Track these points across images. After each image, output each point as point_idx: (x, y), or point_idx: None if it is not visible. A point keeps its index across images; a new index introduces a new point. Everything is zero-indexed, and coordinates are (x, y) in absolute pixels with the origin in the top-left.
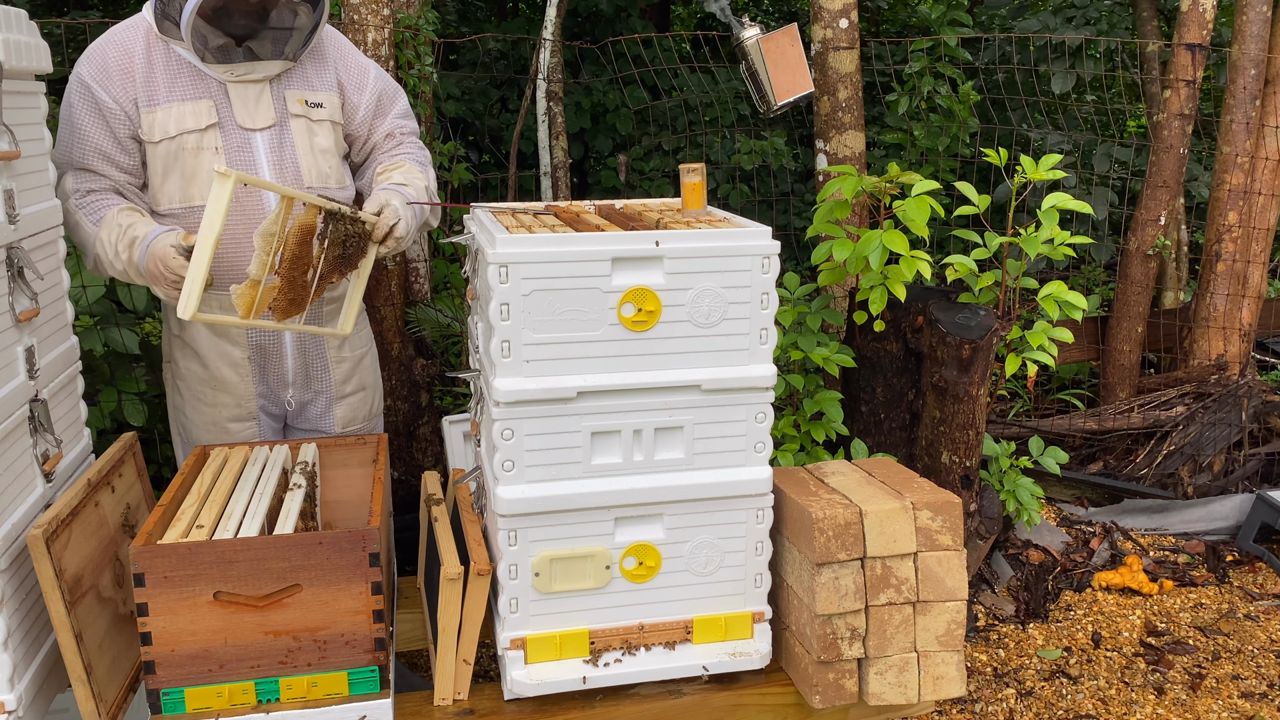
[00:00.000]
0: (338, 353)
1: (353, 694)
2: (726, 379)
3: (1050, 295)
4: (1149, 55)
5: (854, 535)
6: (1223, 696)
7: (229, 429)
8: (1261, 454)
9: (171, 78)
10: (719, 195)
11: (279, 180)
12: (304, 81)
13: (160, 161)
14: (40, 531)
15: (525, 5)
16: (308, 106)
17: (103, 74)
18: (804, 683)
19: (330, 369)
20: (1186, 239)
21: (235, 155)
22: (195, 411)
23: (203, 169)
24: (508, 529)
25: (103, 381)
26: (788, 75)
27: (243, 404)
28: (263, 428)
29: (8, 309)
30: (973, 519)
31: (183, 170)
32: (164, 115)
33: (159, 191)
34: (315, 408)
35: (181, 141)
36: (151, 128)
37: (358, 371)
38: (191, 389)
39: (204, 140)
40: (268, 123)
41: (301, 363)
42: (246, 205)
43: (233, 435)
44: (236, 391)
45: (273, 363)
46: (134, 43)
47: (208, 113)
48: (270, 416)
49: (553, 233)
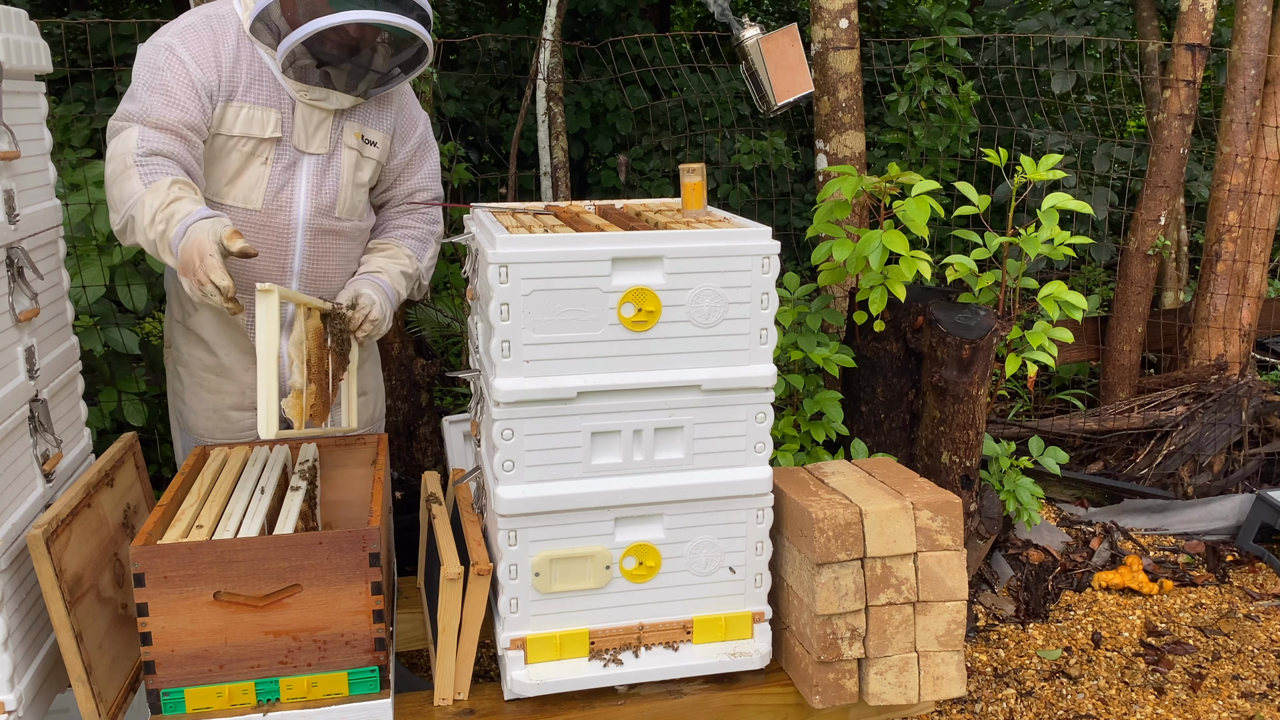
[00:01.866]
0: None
1: (353, 694)
2: (726, 379)
3: (1050, 295)
4: (1149, 55)
5: (854, 535)
6: (1223, 696)
7: (229, 416)
8: (1261, 454)
9: (252, 79)
10: (719, 195)
11: (311, 200)
12: (365, 117)
13: (213, 151)
14: (40, 531)
15: (525, 5)
16: (362, 142)
17: (199, 54)
18: (804, 683)
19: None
20: (1186, 239)
21: (281, 173)
22: (195, 398)
23: (247, 173)
24: (508, 529)
25: (103, 381)
26: (788, 75)
27: (246, 392)
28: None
29: (8, 309)
30: (973, 519)
31: (227, 168)
32: (234, 112)
33: (202, 174)
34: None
35: (240, 142)
36: (221, 120)
37: (359, 377)
38: (194, 375)
39: (260, 149)
40: (320, 150)
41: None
42: (275, 221)
43: (232, 423)
44: (242, 379)
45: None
46: (227, 32)
47: (275, 125)
48: None
49: (553, 233)
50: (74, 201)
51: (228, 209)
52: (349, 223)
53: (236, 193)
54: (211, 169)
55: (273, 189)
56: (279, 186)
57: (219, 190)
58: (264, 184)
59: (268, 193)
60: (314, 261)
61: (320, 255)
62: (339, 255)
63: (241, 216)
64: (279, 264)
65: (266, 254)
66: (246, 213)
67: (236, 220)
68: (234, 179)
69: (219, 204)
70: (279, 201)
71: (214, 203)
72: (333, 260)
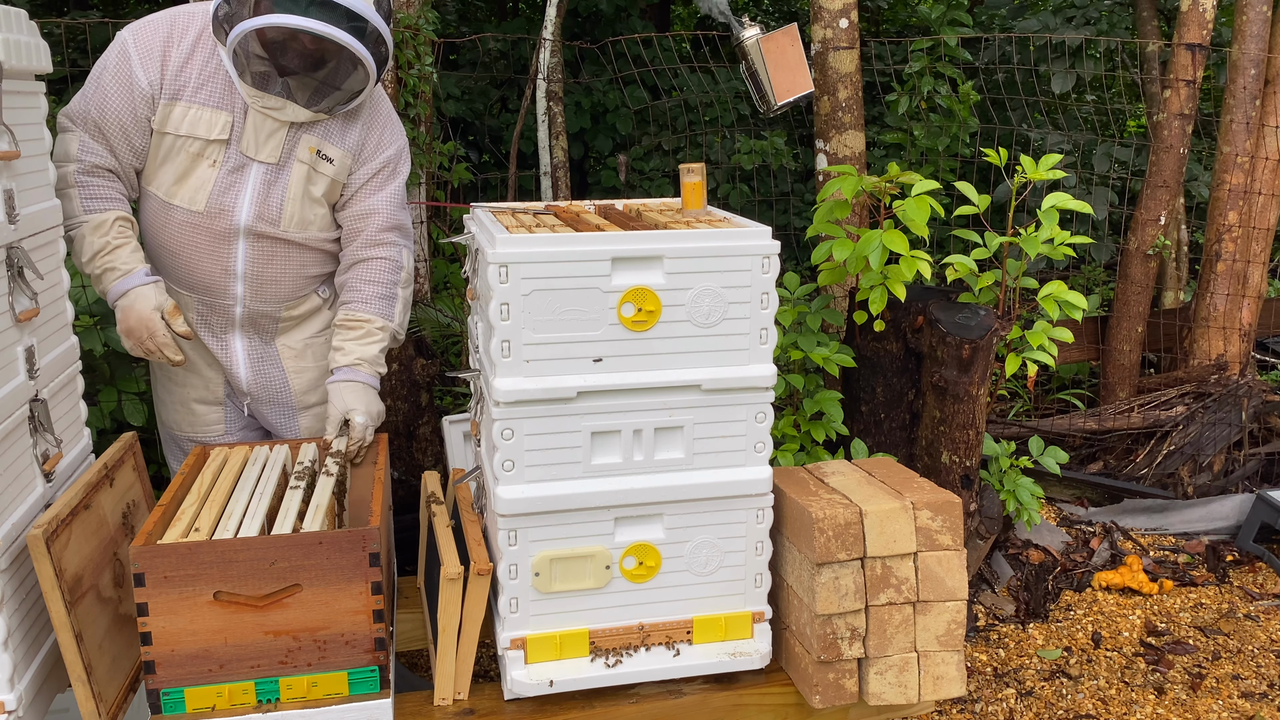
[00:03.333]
0: (296, 362)
1: (353, 694)
2: (726, 379)
3: (1050, 295)
4: (1149, 55)
5: (854, 535)
6: (1223, 696)
7: (195, 410)
8: (1261, 454)
9: (203, 80)
10: (719, 195)
11: (254, 207)
12: (326, 133)
13: (162, 150)
14: (40, 531)
15: (525, 5)
16: (316, 156)
17: (147, 51)
18: (804, 683)
19: (289, 380)
20: (1186, 239)
21: (227, 176)
22: (165, 391)
23: (194, 175)
24: (508, 529)
25: (103, 381)
26: (788, 75)
27: (209, 385)
28: (229, 413)
29: (8, 309)
30: (973, 519)
31: (176, 167)
32: (180, 113)
33: (153, 173)
34: (276, 417)
35: (186, 143)
36: (165, 119)
37: (322, 382)
38: (164, 369)
39: (207, 150)
40: (269, 159)
41: (255, 373)
42: (216, 225)
43: (198, 416)
44: (204, 374)
45: (227, 366)
46: (185, 31)
47: (222, 127)
48: (236, 409)
49: (553, 233)
50: None
51: (174, 209)
52: (299, 234)
53: (183, 193)
54: (162, 168)
55: (217, 192)
56: (223, 190)
57: (168, 189)
58: (209, 186)
59: (211, 195)
60: (259, 266)
61: (265, 260)
62: (289, 262)
63: (184, 217)
64: (221, 265)
65: (209, 255)
66: (189, 213)
67: (180, 219)
68: (181, 179)
69: (167, 202)
70: (221, 205)
71: (162, 201)
72: (280, 265)
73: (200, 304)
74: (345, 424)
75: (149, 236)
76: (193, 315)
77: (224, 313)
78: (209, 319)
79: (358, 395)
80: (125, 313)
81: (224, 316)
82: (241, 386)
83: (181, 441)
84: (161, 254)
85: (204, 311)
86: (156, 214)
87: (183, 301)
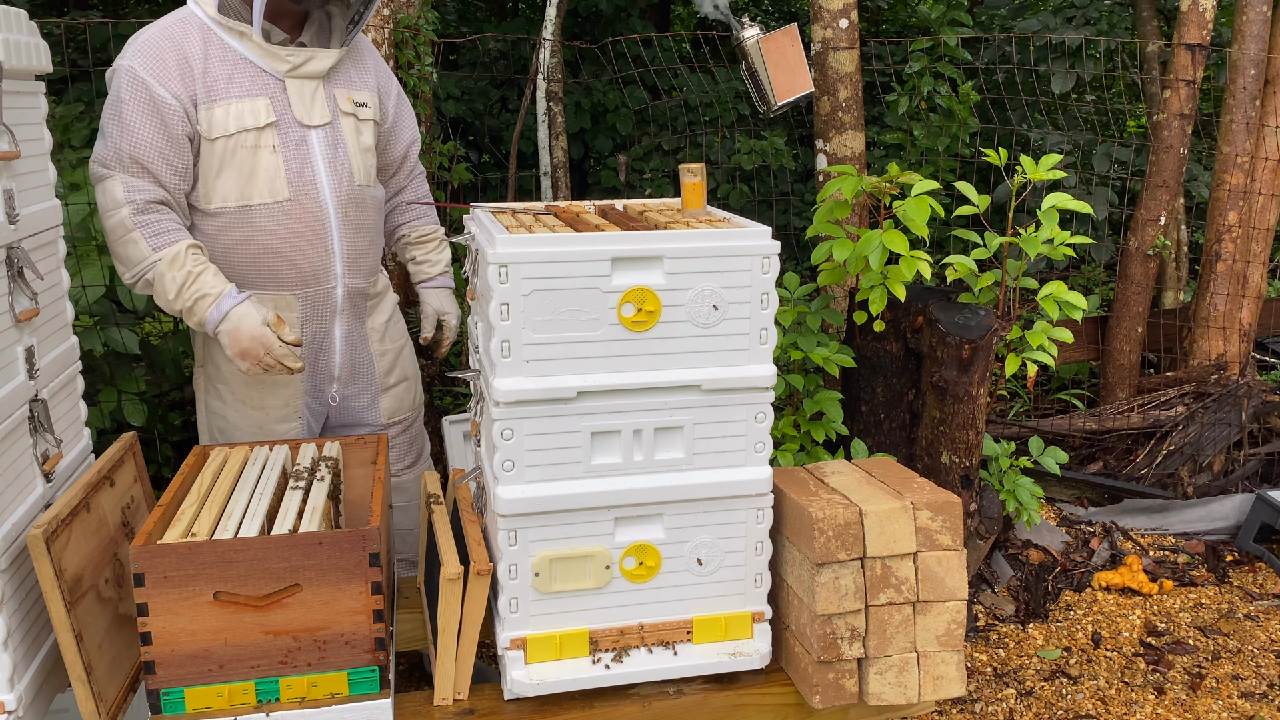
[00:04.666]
0: (380, 345)
1: (353, 694)
2: (726, 379)
3: (1050, 295)
4: (1149, 55)
5: (854, 535)
6: (1223, 696)
7: (275, 430)
8: (1261, 454)
9: (230, 74)
10: (719, 195)
11: (332, 175)
12: (349, 81)
13: (216, 159)
14: (40, 531)
15: (525, 5)
16: (355, 105)
17: (159, 69)
18: (804, 683)
19: (374, 361)
20: (1186, 239)
21: (292, 153)
22: (239, 415)
23: (260, 168)
24: (508, 529)
25: (103, 381)
26: (788, 75)
27: (290, 403)
28: (306, 425)
29: (8, 309)
30: (973, 519)
31: (239, 168)
32: (223, 112)
33: (210, 189)
34: (360, 401)
35: (240, 139)
36: (210, 124)
37: (399, 363)
38: (235, 392)
39: (261, 139)
40: (323, 120)
41: (349, 358)
42: (306, 205)
43: (277, 437)
44: (284, 392)
45: (322, 358)
46: (189, 38)
47: (266, 111)
48: (313, 414)
49: (553, 233)
50: (74, 201)
51: (257, 210)
52: (370, 190)
53: (259, 190)
54: (221, 177)
55: (293, 173)
56: (298, 170)
57: (244, 193)
58: (282, 172)
59: (290, 179)
60: (351, 238)
61: (355, 231)
62: (369, 229)
63: (272, 212)
64: (321, 248)
65: (308, 241)
66: (276, 206)
67: (269, 216)
68: (251, 178)
69: (245, 207)
70: (302, 183)
71: (240, 207)
72: (365, 235)
73: (304, 301)
74: (439, 325)
75: (232, 252)
76: (295, 315)
77: (326, 300)
78: (313, 315)
79: (448, 299)
80: (234, 336)
81: (326, 305)
82: (333, 372)
83: None
84: (255, 263)
85: (307, 310)
86: (238, 226)
87: (286, 303)
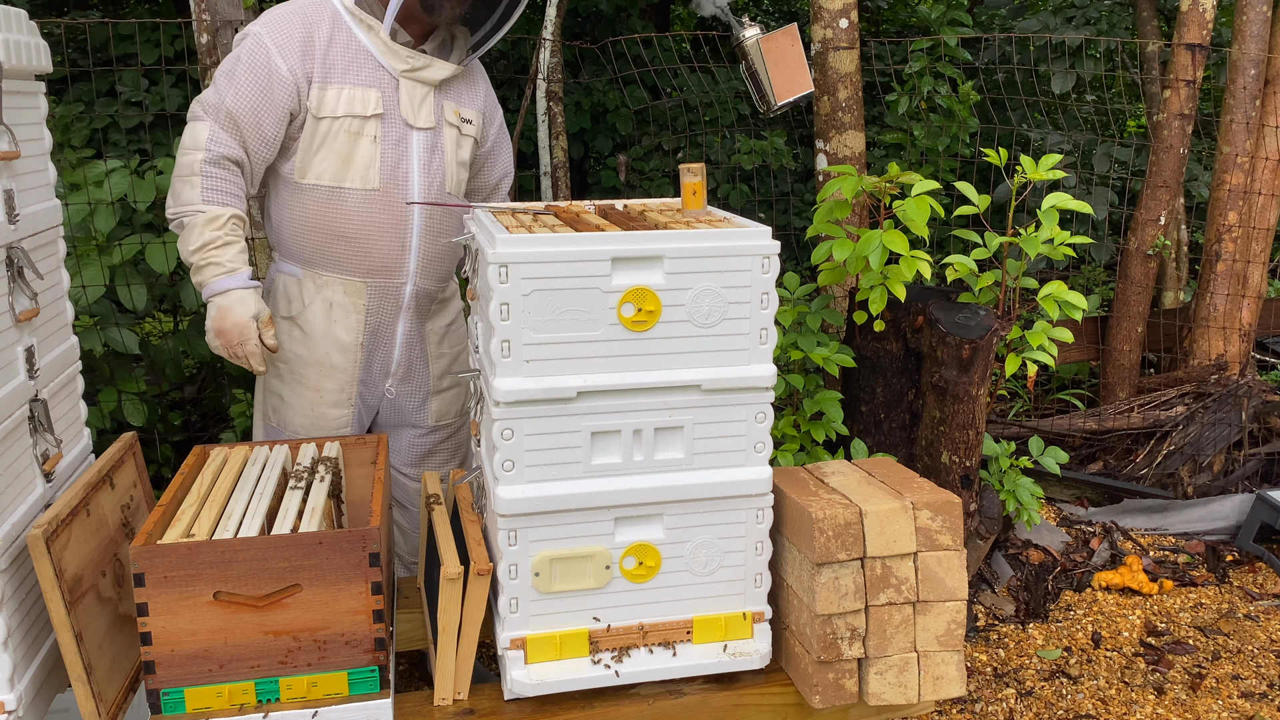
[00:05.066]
0: (438, 348)
1: (353, 694)
2: (726, 379)
3: (1050, 295)
4: (1149, 55)
5: (854, 535)
6: (1223, 696)
7: (326, 414)
8: (1261, 454)
9: (349, 62)
10: (719, 195)
11: (424, 177)
12: (459, 96)
13: (318, 137)
14: (40, 531)
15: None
16: (460, 119)
17: (284, 42)
18: (804, 683)
19: (430, 363)
20: (1186, 239)
21: (391, 148)
22: (294, 395)
23: (358, 154)
24: (508, 529)
25: (103, 381)
26: (788, 75)
27: (344, 389)
28: (357, 416)
29: (8, 309)
30: (973, 519)
31: (338, 151)
32: (334, 94)
33: (307, 164)
34: (412, 400)
35: (345, 123)
36: (320, 103)
37: (454, 368)
38: (295, 372)
39: (365, 127)
40: (427, 124)
41: (406, 355)
42: (393, 199)
43: (330, 421)
44: (341, 377)
45: (381, 350)
46: (320, 20)
47: (375, 102)
48: (365, 406)
49: (553, 233)
50: (74, 201)
51: (346, 193)
52: (459, 201)
53: (353, 174)
54: (319, 154)
55: (388, 166)
56: (393, 164)
57: (335, 174)
58: (377, 162)
59: (384, 171)
60: (429, 240)
61: (435, 233)
62: (448, 235)
63: (359, 198)
64: (399, 242)
65: (388, 233)
66: (365, 193)
67: (356, 202)
68: (347, 161)
69: (337, 189)
70: (395, 178)
71: (332, 188)
72: (444, 240)
73: (372, 291)
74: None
75: (315, 229)
76: (362, 302)
77: (394, 295)
78: (379, 306)
79: None
80: (222, 312)
81: (393, 300)
82: (390, 368)
83: None
84: (334, 243)
85: (374, 300)
86: (325, 203)
87: (355, 289)
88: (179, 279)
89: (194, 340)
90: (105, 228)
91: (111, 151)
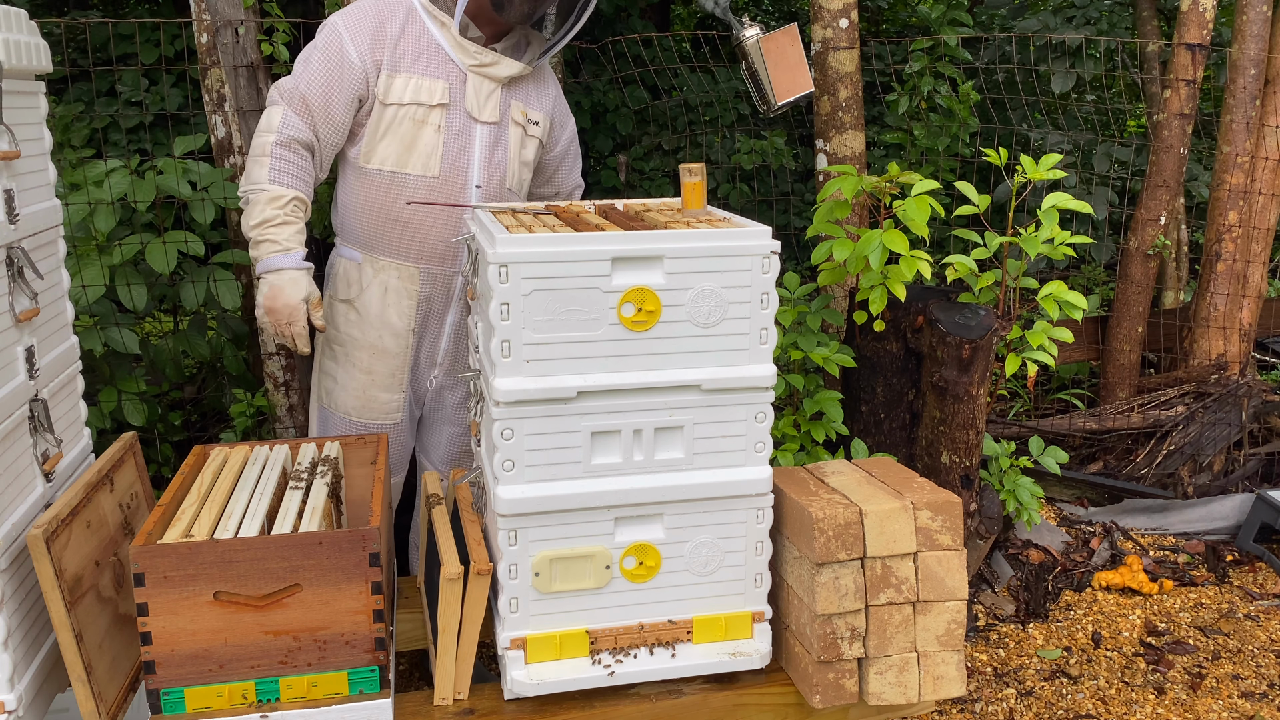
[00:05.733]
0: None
1: (353, 694)
2: (726, 379)
3: (1050, 295)
4: (1149, 55)
5: (854, 535)
6: (1223, 696)
7: (377, 398)
8: (1261, 454)
9: (419, 53)
10: (719, 195)
11: (485, 170)
12: (527, 97)
13: (384, 123)
14: (40, 531)
15: None
16: (526, 120)
17: (358, 31)
18: (804, 682)
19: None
20: (1186, 239)
21: (454, 139)
22: (348, 376)
23: (421, 141)
24: (508, 529)
25: (103, 381)
26: (788, 75)
27: (395, 374)
28: (408, 404)
29: (8, 309)
30: (973, 519)
31: (402, 137)
32: (402, 82)
33: (372, 149)
34: (455, 395)
35: (410, 111)
36: (388, 90)
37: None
38: (349, 354)
39: (430, 116)
40: (491, 119)
41: (454, 346)
42: (452, 188)
43: (378, 405)
44: (393, 361)
45: (429, 338)
46: (394, 13)
47: (441, 93)
48: (414, 394)
49: (553, 233)
50: (74, 201)
51: (407, 178)
52: (516, 198)
53: (414, 161)
54: (384, 140)
55: (449, 156)
56: (455, 154)
57: (397, 159)
58: (439, 151)
59: (444, 160)
60: None
61: None
62: None
63: (419, 185)
64: (453, 231)
65: (443, 221)
66: (425, 180)
67: (416, 188)
68: (410, 148)
69: (399, 174)
70: (455, 168)
71: (395, 173)
72: None
73: (425, 277)
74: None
75: (375, 212)
76: (415, 288)
77: (445, 284)
78: (431, 294)
79: None
80: (274, 291)
81: (445, 289)
82: (437, 358)
83: (352, 427)
84: (391, 227)
85: (426, 287)
86: (385, 188)
87: (409, 274)
88: (179, 279)
89: (194, 340)
90: (105, 228)
91: (111, 151)
